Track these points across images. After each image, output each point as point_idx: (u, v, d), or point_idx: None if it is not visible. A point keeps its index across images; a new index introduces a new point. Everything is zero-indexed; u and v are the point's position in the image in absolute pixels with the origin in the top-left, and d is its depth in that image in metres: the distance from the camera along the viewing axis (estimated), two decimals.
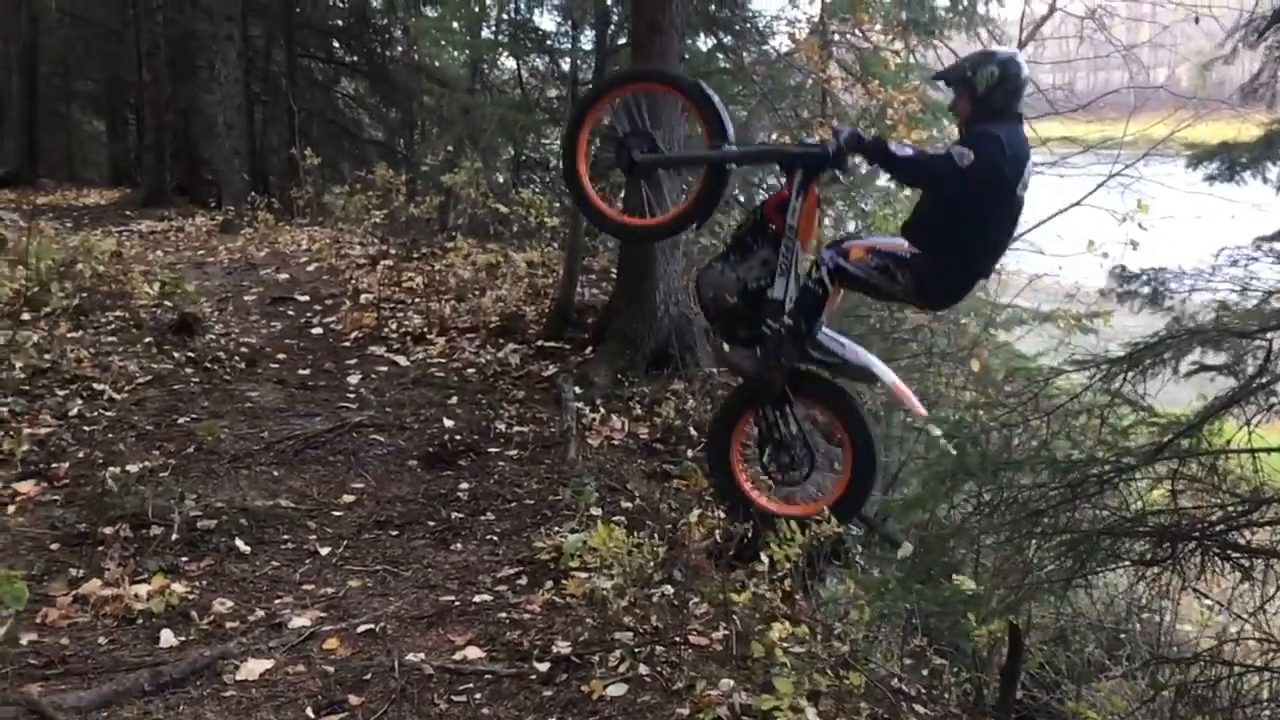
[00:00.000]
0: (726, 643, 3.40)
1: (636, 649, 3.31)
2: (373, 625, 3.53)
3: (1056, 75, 9.61)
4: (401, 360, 6.58)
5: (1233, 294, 3.58)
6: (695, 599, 3.75)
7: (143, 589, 3.61)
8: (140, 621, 3.48)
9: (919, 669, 4.02)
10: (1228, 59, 3.79)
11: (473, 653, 3.36)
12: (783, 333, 4.16)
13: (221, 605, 3.60)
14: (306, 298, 7.95)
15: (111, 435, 5.01)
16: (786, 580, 3.72)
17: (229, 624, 3.51)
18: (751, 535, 3.90)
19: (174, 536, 4.02)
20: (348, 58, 16.53)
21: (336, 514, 4.45)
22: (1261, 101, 3.71)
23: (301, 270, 8.86)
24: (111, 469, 4.46)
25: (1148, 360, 3.50)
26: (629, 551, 3.62)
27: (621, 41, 8.56)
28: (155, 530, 4.05)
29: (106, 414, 5.24)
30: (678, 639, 3.42)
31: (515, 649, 3.38)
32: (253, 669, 3.20)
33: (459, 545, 4.24)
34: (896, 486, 6.99)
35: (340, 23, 16.36)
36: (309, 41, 16.14)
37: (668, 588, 3.77)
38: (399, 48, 15.58)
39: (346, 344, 6.90)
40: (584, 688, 3.11)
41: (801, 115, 8.32)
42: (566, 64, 10.91)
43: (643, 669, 3.21)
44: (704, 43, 8.86)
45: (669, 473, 5.12)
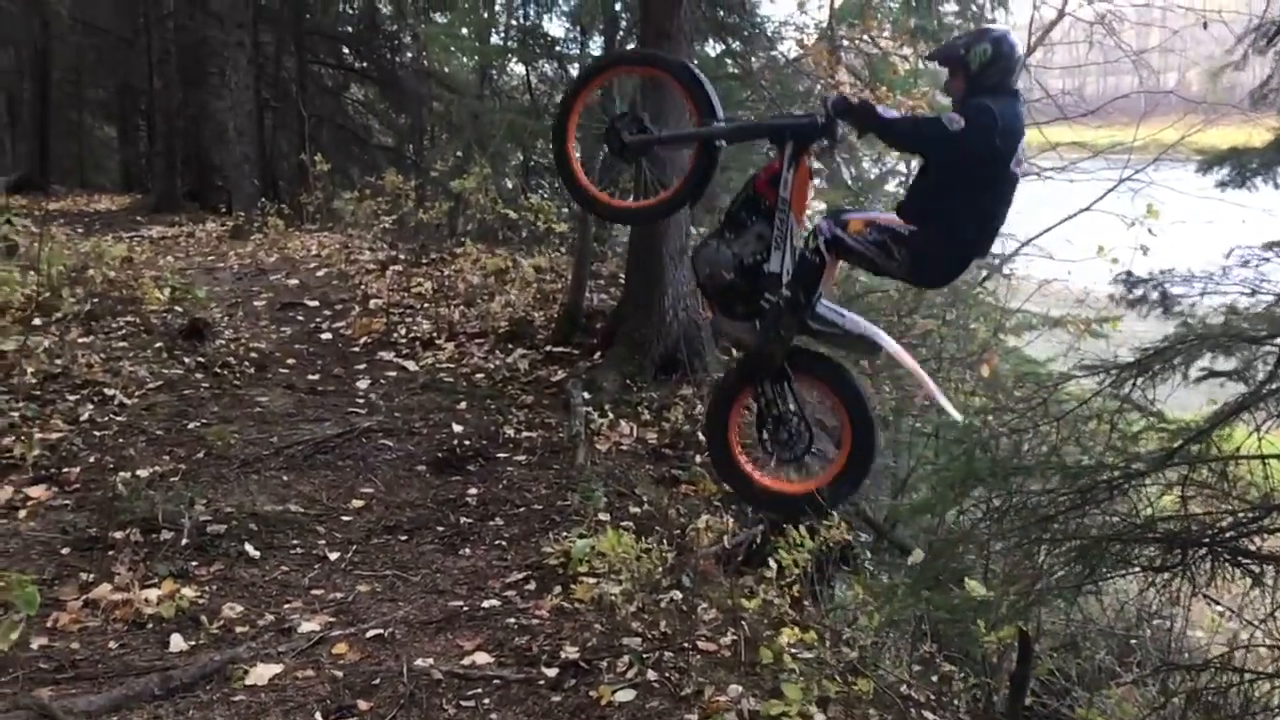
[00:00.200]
0: (735, 648, 3.39)
1: (645, 654, 3.31)
2: (382, 630, 3.55)
3: (1066, 80, 9.57)
4: (410, 365, 6.60)
5: (1243, 296, 3.55)
6: (704, 604, 3.75)
7: (153, 594, 3.63)
8: (150, 626, 3.50)
9: (928, 675, 4.00)
10: (1238, 65, 3.76)
11: (481, 658, 3.36)
12: (781, 305, 4.15)
13: (231, 610, 3.62)
14: (316, 303, 7.98)
15: (122, 440, 5.03)
16: (795, 586, 3.72)
17: (239, 629, 3.52)
18: (760, 541, 3.90)
19: (184, 541, 4.04)
20: (357, 64, 16.57)
21: (346, 519, 4.46)
22: (1272, 107, 3.69)
23: (311, 275, 8.89)
24: (122, 474, 4.48)
25: (1157, 366, 3.47)
26: (637, 557, 3.63)
27: (630, 47, 8.58)
28: (165, 535, 4.07)
29: (117, 419, 5.26)
30: (686, 644, 3.42)
31: (524, 654, 3.38)
32: (262, 673, 3.21)
33: (468, 550, 4.25)
34: (905, 492, 6.96)
35: (350, 29, 16.39)
36: (319, 48, 16.20)
37: (676, 593, 3.77)
38: (408, 54, 15.60)
39: (356, 349, 6.92)
40: (592, 693, 3.11)
41: None
42: (575, 70, 10.92)
43: (651, 674, 3.21)
44: (712, 48, 8.84)
45: (677, 478, 5.11)
